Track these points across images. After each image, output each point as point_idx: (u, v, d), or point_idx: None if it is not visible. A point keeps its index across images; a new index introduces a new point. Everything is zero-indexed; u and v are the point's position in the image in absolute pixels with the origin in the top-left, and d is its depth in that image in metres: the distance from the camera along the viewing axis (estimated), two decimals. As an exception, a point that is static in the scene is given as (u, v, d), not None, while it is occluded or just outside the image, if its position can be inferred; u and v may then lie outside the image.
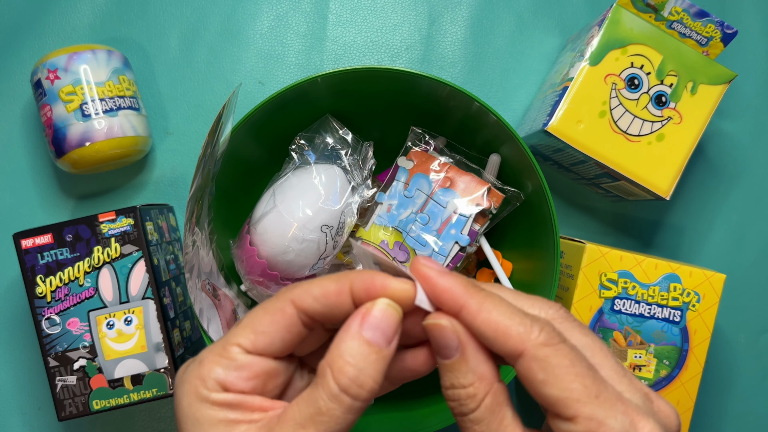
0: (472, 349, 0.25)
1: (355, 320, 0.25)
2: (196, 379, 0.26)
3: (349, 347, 0.25)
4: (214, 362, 0.26)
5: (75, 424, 0.56)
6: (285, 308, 0.26)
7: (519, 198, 0.49)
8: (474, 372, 0.25)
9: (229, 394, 0.25)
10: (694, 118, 0.50)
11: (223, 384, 0.25)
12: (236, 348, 0.26)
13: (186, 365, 0.27)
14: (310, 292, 0.26)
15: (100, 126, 0.51)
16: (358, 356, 0.24)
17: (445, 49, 0.60)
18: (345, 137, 0.50)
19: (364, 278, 0.26)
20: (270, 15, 0.60)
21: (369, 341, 0.25)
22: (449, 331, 0.25)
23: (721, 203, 0.60)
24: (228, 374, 0.25)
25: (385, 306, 0.25)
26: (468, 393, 0.25)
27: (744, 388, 0.59)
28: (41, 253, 0.47)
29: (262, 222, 0.47)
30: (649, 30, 0.50)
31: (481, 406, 0.25)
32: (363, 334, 0.25)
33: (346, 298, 0.26)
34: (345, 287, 0.26)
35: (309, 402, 0.24)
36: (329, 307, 0.26)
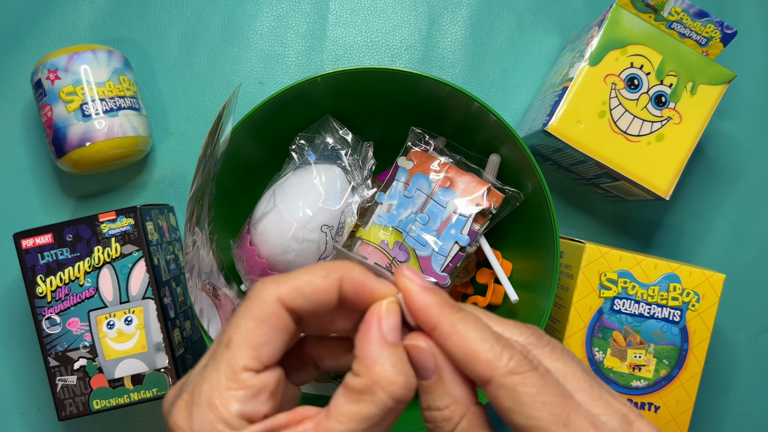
0: (448, 372, 0.25)
1: (374, 328, 0.25)
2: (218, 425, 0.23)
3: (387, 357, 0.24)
4: (228, 398, 0.23)
5: (75, 424, 0.56)
6: (278, 312, 0.25)
7: (519, 198, 0.49)
8: (450, 395, 0.25)
9: (257, 425, 0.24)
10: (694, 118, 0.50)
11: (246, 417, 0.23)
12: (246, 373, 0.24)
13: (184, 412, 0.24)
14: (299, 291, 0.25)
15: (101, 126, 0.51)
16: (398, 363, 0.24)
17: (445, 49, 0.60)
18: (345, 137, 0.50)
19: (354, 278, 0.25)
20: (270, 15, 0.60)
21: (393, 343, 0.25)
22: (426, 353, 0.25)
23: (721, 203, 0.60)
24: (247, 405, 0.24)
25: (395, 305, 0.26)
26: (443, 416, 0.25)
27: (743, 387, 0.59)
28: (42, 253, 0.47)
29: (263, 222, 0.47)
30: (648, 30, 0.50)
31: (456, 430, 0.25)
32: (388, 339, 0.25)
33: (334, 295, 0.25)
34: (335, 285, 0.25)
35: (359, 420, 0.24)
36: (318, 304, 0.25)
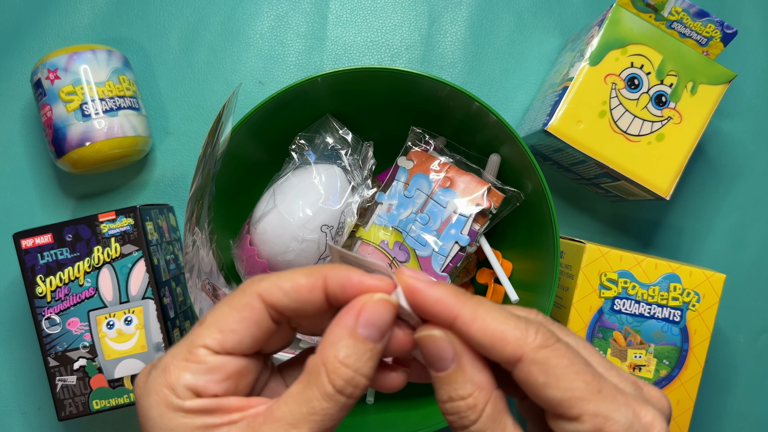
0: (468, 359, 0.24)
1: (350, 315, 0.24)
2: (164, 389, 0.24)
3: (345, 346, 0.24)
4: (181, 368, 0.24)
5: (75, 424, 0.56)
6: (253, 303, 0.24)
7: (519, 198, 0.49)
8: (472, 382, 0.24)
9: (203, 400, 0.24)
10: (694, 117, 0.50)
11: (194, 389, 0.24)
12: (203, 350, 0.24)
13: (146, 372, 0.25)
14: (279, 287, 0.24)
15: (100, 126, 0.51)
16: (353, 356, 0.24)
17: (445, 49, 0.60)
18: (345, 137, 0.50)
19: (340, 274, 0.25)
20: (270, 15, 0.60)
21: (364, 338, 0.24)
22: (444, 341, 0.24)
23: (721, 203, 0.60)
24: (198, 379, 0.24)
25: (381, 300, 0.24)
26: (468, 404, 0.24)
27: (744, 387, 0.59)
28: (41, 253, 0.47)
29: (262, 222, 0.47)
30: (649, 30, 0.50)
31: (483, 417, 0.24)
32: (358, 331, 0.24)
33: (318, 293, 0.25)
34: (318, 282, 0.25)
35: (301, 401, 0.24)
36: (300, 302, 0.25)
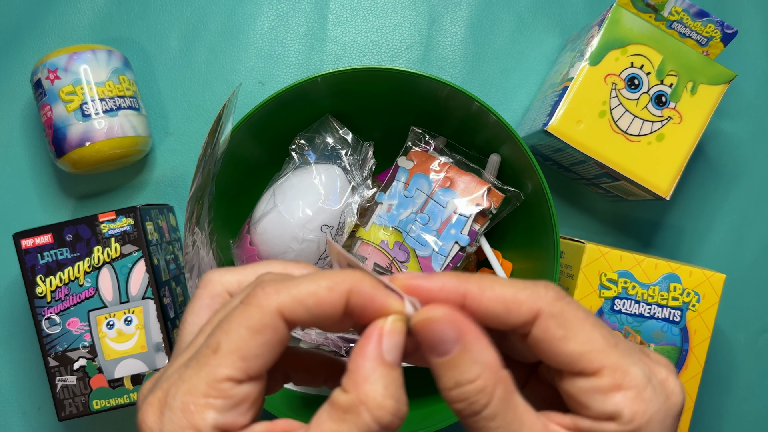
0: (472, 337, 0.23)
1: (373, 344, 0.23)
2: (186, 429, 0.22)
3: (381, 377, 0.22)
4: (204, 405, 0.22)
5: (75, 424, 0.56)
6: (276, 325, 0.22)
7: (519, 198, 0.49)
8: (479, 362, 0.23)
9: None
10: (694, 118, 0.50)
11: (223, 428, 0.22)
12: (227, 383, 0.22)
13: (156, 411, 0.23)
14: (302, 303, 0.22)
15: (100, 126, 0.51)
16: (392, 385, 0.22)
17: (445, 49, 0.60)
18: (345, 137, 0.50)
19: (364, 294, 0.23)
20: (270, 15, 0.60)
21: (392, 364, 0.23)
22: (444, 323, 0.23)
23: (721, 203, 0.60)
24: (226, 416, 0.22)
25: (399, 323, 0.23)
26: (477, 387, 0.23)
27: (744, 387, 0.59)
28: (41, 253, 0.47)
29: (262, 222, 0.47)
30: (649, 30, 0.50)
31: (494, 399, 0.23)
32: (386, 358, 0.23)
33: (339, 309, 0.23)
34: (342, 300, 0.23)
35: None
36: (322, 318, 0.23)
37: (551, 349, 0.23)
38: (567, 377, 0.24)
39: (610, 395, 0.23)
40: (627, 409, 0.23)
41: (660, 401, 0.23)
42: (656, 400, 0.23)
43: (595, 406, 0.23)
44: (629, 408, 0.23)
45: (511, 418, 0.23)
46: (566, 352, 0.23)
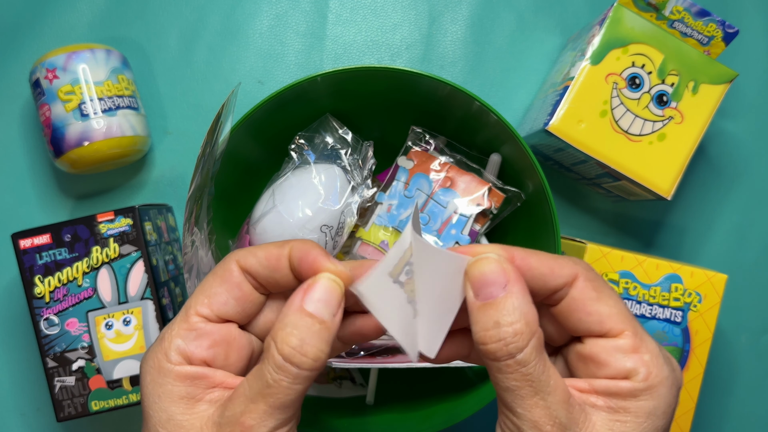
0: (519, 287, 0.25)
1: (297, 295, 0.26)
2: (159, 354, 0.26)
3: (292, 319, 0.25)
4: (175, 334, 0.26)
5: (74, 425, 0.56)
6: (231, 269, 0.27)
7: (520, 198, 0.48)
8: (520, 310, 0.25)
9: (191, 367, 0.26)
10: (696, 117, 0.50)
11: (185, 354, 0.26)
12: (196, 317, 0.26)
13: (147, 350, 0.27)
14: (254, 254, 0.27)
15: (99, 126, 0.51)
16: (301, 327, 0.25)
17: (445, 48, 0.60)
18: (345, 137, 0.49)
19: (301, 248, 0.27)
20: (269, 14, 0.59)
21: (311, 313, 0.25)
22: (499, 264, 0.25)
23: (723, 203, 0.59)
24: (189, 344, 0.26)
25: (326, 280, 0.26)
26: (516, 330, 0.24)
27: (745, 388, 0.58)
28: (40, 253, 0.47)
29: (262, 222, 0.47)
30: (650, 29, 0.50)
31: (529, 346, 0.24)
32: (305, 307, 0.25)
33: (285, 262, 0.27)
34: (284, 252, 0.27)
35: (257, 376, 0.25)
36: (271, 270, 0.27)
37: (584, 308, 0.26)
38: (589, 341, 0.26)
39: (630, 355, 0.25)
40: (643, 368, 0.25)
41: (669, 369, 0.26)
42: (666, 367, 0.26)
43: (614, 364, 0.25)
44: (645, 368, 0.25)
45: (541, 370, 0.24)
46: (597, 311, 0.26)
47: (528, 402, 0.24)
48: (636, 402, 0.25)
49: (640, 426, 0.25)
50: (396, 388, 0.52)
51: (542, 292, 0.27)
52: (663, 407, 0.25)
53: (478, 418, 0.56)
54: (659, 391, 0.25)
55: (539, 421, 0.24)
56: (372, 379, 0.51)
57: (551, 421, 0.24)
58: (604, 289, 0.26)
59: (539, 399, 0.24)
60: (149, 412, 0.25)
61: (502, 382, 0.25)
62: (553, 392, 0.24)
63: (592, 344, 0.26)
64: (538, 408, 0.24)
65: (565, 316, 0.27)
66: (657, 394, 0.25)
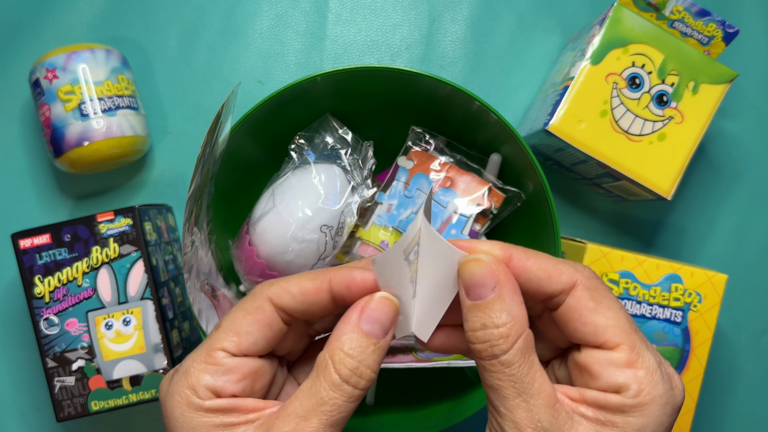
0: (508, 290, 0.25)
1: (353, 313, 0.26)
2: (186, 390, 0.26)
3: (349, 339, 0.25)
4: (201, 370, 0.26)
5: (74, 425, 0.56)
6: (264, 307, 0.27)
7: (520, 198, 0.48)
8: (509, 312, 0.25)
9: (221, 400, 0.26)
10: (696, 117, 0.50)
11: (213, 390, 0.26)
12: (221, 353, 0.26)
13: (169, 377, 0.27)
14: (288, 291, 0.27)
15: (99, 126, 0.51)
16: (357, 348, 0.25)
17: (445, 48, 0.60)
18: (345, 137, 0.49)
19: (343, 275, 0.27)
20: (269, 14, 0.59)
21: (367, 333, 0.26)
22: (489, 267, 0.25)
23: (723, 203, 0.59)
24: (217, 380, 0.26)
25: (382, 299, 0.26)
26: (501, 333, 0.25)
27: (745, 388, 0.58)
28: (39, 253, 0.47)
29: (262, 222, 0.47)
30: (650, 29, 0.50)
31: (514, 348, 0.25)
32: (362, 327, 0.26)
33: (324, 295, 0.27)
34: (324, 285, 0.27)
35: (310, 394, 0.25)
36: (307, 305, 0.27)
37: (580, 318, 0.26)
38: (585, 350, 0.26)
39: (623, 369, 0.25)
40: (635, 384, 0.24)
41: (665, 388, 0.25)
42: (662, 386, 0.25)
43: (606, 377, 0.25)
44: (637, 384, 0.24)
45: (526, 372, 0.25)
46: (593, 323, 0.25)
47: (511, 402, 0.25)
48: (624, 417, 0.24)
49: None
50: (396, 388, 0.52)
51: (538, 296, 0.26)
52: (653, 426, 0.25)
53: (478, 418, 0.56)
54: (650, 409, 0.25)
55: (520, 422, 0.24)
56: (372, 379, 0.51)
57: (532, 424, 0.24)
58: (603, 300, 0.26)
59: (521, 401, 0.25)
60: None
61: (487, 380, 0.25)
62: (536, 395, 0.25)
63: (587, 354, 0.26)
64: (520, 409, 0.24)
65: (563, 323, 0.26)
66: (647, 412, 0.24)
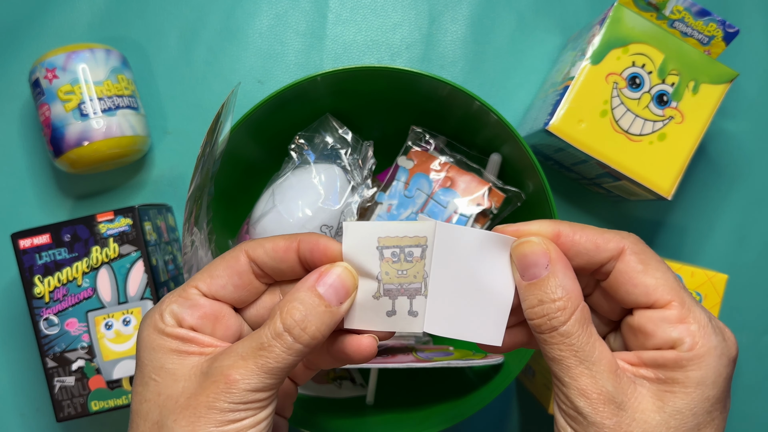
0: (561, 266, 0.27)
1: (312, 275, 0.28)
2: (155, 314, 0.28)
3: (302, 296, 0.27)
4: (173, 301, 0.28)
5: (73, 425, 0.56)
6: (239, 256, 0.29)
7: (520, 198, 0.48)
8: (564, 287, 0.26)
9: (181, 329, 0.28)
10: (696, 117, 0.50)
11: (177, 318, 0.28)
12: (194, 290, 0.29)
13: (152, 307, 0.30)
14: (262, 245, 0.29)
15: (99, 125, 0.51)
16: (307, 304, 0.27)
17: (445, 47, 0.60)
18: (345, 136, 0.49)
19: (311, 239, 0.28)
20: (269, 14, 0.59)
21: (321, 295, 0.27)
22: (540, 247, 0.27)
23: (723, 203, 0.59)
24: (182, 310, 0.28)
25: (342, 269, 0.28)
26: (558, 306, 0.26)
27: (745, 389, 0.58)
28: (39, 253, 0.47)
29: (262, 222, 0.47)
30: (650, 29, 0.50)
31: (572, 319, 0.26)
32: (317, 288, 0.27)
33: (293, 254, 0.28)
34: (293, 245, 0.28)
35: (254, 338, 0.27)
36: (277, 261, 0.29)
37: (631, 281, 0.27)
38: (637, 312, 0.27)
39: (676, 325, 0.26)
40: (689, 338, 0.26)
41: (718, 340, 0.26)
42: (715, 338, 0.26)
43: (660, 335, 0.26)
44: (691, 338, 0.26)
45: (585, 341, 0.26)
46: (643, 283, 0.27)
47: (574, 371, 0.26)
48: (684, 372, 0.25)
49: (689, 396, 0.25)
50: (396, 388, 0.52)
51: (589, 267, 0.28)
52: (712, 377, 0.25)
53: (478, 418, 0.56)
54: (706, 361, 0.25)
55: (585, 389, 0.26)
56: (372, 379, 0.51)
57: (597, 389, 0.26)
58: (650, 261, 0.27)
59: (584, 368, 0.26)
60: (144, 361, 0.28)
61: (549, 352, 0.27)
62: (598, 362, 0.26)
63: (640, 315, 0.27)
64: (584, 377, 0.26)
65: (614, 289, 0.28)
66: (704, 363, 0.25)
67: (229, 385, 0.26)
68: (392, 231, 0.28)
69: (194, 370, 0.27)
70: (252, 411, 0.26)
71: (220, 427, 0.26)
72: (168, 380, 0.27)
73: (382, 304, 0.29)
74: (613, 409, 0.25)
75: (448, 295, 0.28)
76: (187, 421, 0.26)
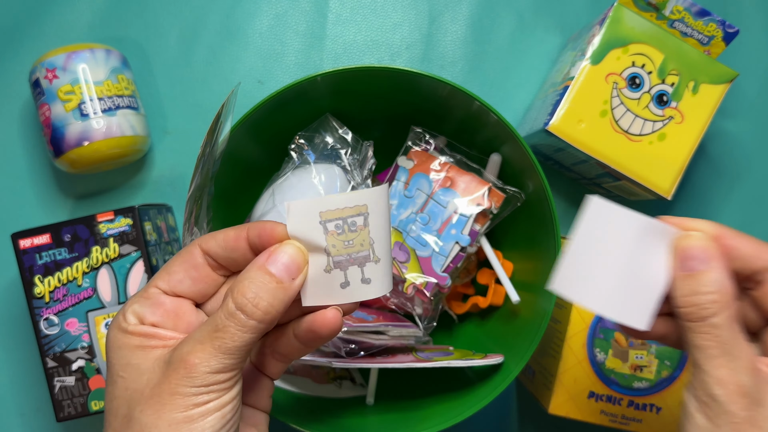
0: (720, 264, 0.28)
1: (262, 255, 0.28)
2: (120, 315, 0.30)
3: (251, 274, 0.28)
4: (134, 301, 0.30)
5: (74, 425, 0.56)
6: (193, 251, 0.30)
7: (520, 198, 0.48)
8: (718, 283, 0.28)
9: (143, 326, 0.29)
10: (696, 117, 0.50)
11: (138, 316, 0.29)
12: (154, 289, 0.30)
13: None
14: (214, 237, 0.30)
15: (99, 125, 0.51)
16: (258, 282, 0.27)
17: (445, 47, 0.60)
18: (345, 136, 0.49)
19: (258, 225, 0.29)
20: (269, 14, 0.59)
21: (271, 272, 0.28)
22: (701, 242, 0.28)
23: (723, 203, 0.59)
24: (143, 309, 0.29)
25: (291, 246, 0.28)
26: (711, 298, 0.27)
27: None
28: (39, 253, 0.47)
29: (262, 222, 0.47)
30: (650, 29, 0.50)
31: (723, 314, 0.27)
32: (267, 267, 0.28)
33: (243, 243, 0.29)
34: (243, 233, 0.29)
35: (209, 322, 0.28)
36: (229, 250, 0.30)
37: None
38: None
39: None
40: None
41: None
42: None
43: None
44: None
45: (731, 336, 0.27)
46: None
47: (716, 361, 0.27)
48: None
49: None
50: (396, 388, 0.52)
51: (742, 272, 0.29)
52: None
53: (478, 418, 0.56)
54: None
55: (724, 379, 0.27)
56: (372, 379, 0.51)
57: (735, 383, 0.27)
58: None
59: (726, 360, 0.27)
60: (111, 361, 0.29)
61: (694, 340, 0.28)
62: (739, 358, 0.27)
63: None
64: (724, 368, 0.27)
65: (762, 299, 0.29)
66: None
67: (189, 370, 0.27)
68: (332, 204, 0.28)
69: (158, 362, 0.28)
70: (215, 393, 0.27)
71: (184, 412, 0.27)
72: (134, 375, 0.28)
73: (334, 277, 0.29)
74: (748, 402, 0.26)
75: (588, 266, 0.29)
76: (152, 410, 0.27)
